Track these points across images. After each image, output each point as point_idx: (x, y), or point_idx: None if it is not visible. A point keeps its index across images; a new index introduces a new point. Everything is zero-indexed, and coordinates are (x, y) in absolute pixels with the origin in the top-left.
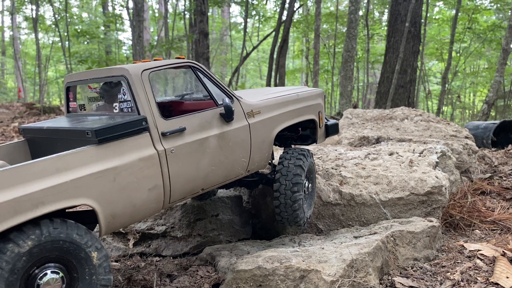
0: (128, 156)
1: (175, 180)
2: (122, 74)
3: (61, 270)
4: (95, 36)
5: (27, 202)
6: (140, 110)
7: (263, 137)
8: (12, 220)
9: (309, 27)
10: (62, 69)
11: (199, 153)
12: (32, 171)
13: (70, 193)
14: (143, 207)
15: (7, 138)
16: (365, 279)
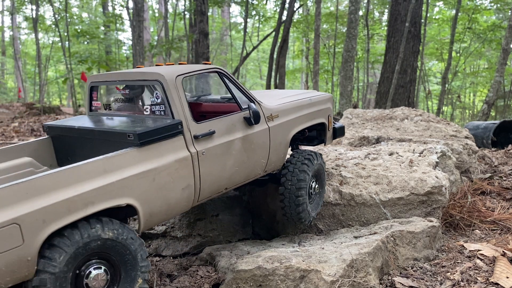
0: (165, 158)
1: (205, 180)
2: (157, 78)
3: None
4: (95, 36)
5: (79, 202)
6: (174, 114)
7: (280, 140)
8: (66, 219)
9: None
10: (62, 69)
11: (226, 155)
12: (82, 172)
13: (116, 193)
14: (176, 205)
15: (7, 138)
16: (365, 279)
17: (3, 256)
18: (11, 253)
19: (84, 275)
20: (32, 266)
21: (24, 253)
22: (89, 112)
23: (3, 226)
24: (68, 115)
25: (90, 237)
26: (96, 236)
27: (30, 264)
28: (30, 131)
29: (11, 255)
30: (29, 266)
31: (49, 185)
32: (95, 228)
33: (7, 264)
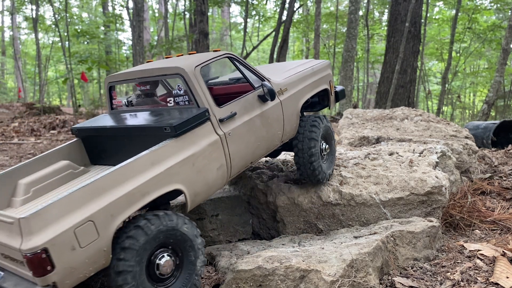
0: (199, 144)
1: (234, 157)
2: (177, 72)
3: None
4: (95, 36)
5: (137, 193)
6: (199, 102)
7: (291, 110)
8: (129, 211)
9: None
10: (62, 69)
11: (248, 132)
12: (134, 167)
13: (165, 181)
14: (214, 184)
15: (7, 138)
16: (365, 279)
17: (84, 250)
18: (90, 246)
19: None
20: (108, 255)
21: (101, 245)
22: (111, 110)
23: (81, 225)
24: (68, 115)
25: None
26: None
27: (106, 254)
28: (30, 131)
29: (91, 248)
30: (106, 255)
31: (110, 183)
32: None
33: (89, 256)
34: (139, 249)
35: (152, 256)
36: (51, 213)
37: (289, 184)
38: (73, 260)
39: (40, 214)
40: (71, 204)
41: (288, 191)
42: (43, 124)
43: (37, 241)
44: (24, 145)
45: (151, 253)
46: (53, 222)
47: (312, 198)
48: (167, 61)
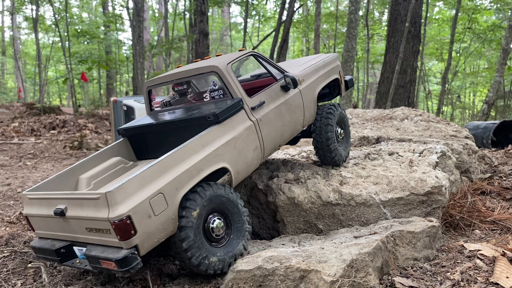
0: (237, 129)
1: (266, 140)
2: (212, 70)
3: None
4: (95, 36)
5: (194, 170)
6: (233, 94)
7: (310, 98)
8: (189, 184)
9: (309, 27)
10: (62, 69)
11: (276, 118)
12: (189, 149)
13: (214, 160)
14: (251, 164)
15: (7, 138)
16: (365, 279)
17: (158, 217)
18: (162, 214)
19: (210, 226)
20: (175, 223)
21: (169, 214)
22: (150, 111)
23: (154, 196)
24: (68, 115)
25: (210, 197)
26: (213, 195)
27: (174, 222)
28: (30, 131)
29: (162, 216)
30: (173, 223)
31: (172, 162)
32: (212, 190)
33: (161, 223)
34: (197, 209)
35: (206, 222)
36: (130, 188)
37: (289, 184)
38: (150, 226)
39: (122, 188)
40: (144, 180)
41: (288, 191)
42: (43, 124)
43: (122, 210)
44: (24, 145)
45: (205, 217)
46: (132, 194)
47: (312, 198)
48: (200, 62)
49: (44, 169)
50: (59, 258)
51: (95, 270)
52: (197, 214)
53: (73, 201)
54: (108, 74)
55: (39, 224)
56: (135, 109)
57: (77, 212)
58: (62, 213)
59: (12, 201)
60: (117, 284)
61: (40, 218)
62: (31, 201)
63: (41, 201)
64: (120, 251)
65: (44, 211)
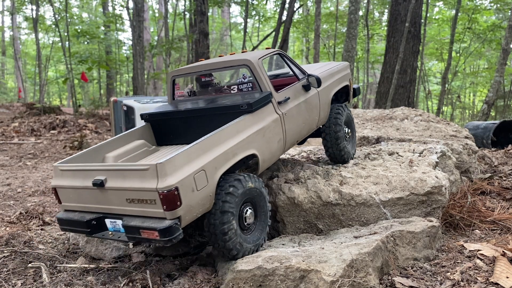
0: (266, 120)
1: (288, 133)
2: (244, 63)
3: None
4: (95, 36)
5: (230, 153)
6: (262, 87)
7: (325, 100)
8: (226, 165)
9: (309, 27)
10: (62, 69)
11: (297, 114)
12: (226, 133)
13: (246, 146)
14: (274, 154)
15: (7, 138)
16: (365, 279)
17: (199, 192)
18: (203, 190)
19: (243, 215)
20: (212, 201)
21: (209, 191)
22: (172, 100)
23: (198, 172)
24: (68, 115)
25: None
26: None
27: (211, 199)
28: (30, 131)
29: (202, 192)
30: (210, 200)
31: (212, 143)
32: (250, 181)
33: (201, 198)
34: (238, 195)
35: (240, 211)
36: (178, 162)
37: (289, 184)
38: (192, 200)
39: (171, 161)
40: (190, 156)
41: (288, 191)
42: (43, 124)
43: (171, 181)
44: (24, 145)
45: (241, 206)
46: (179, 168)
47: (312, 198)
48: (233, 56)
49: (44, 169)
50: (89, 230)
51: (131, 241)
52: (238, 201)
53: (115, 172)
54: (108, 74)
55: (69, 196)
56: (135, 109)
57: (118, 183)
58: (102, 184)
59: (12, 201)
60: (117, 283)
61: (72, 189)
62: (63, 173)
63: (76, 172)
64: (164, 221)
65: (79, 183)
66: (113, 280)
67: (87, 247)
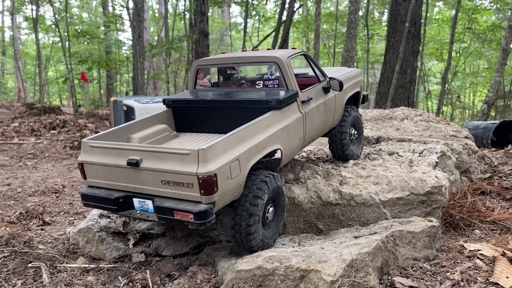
0: (291, 117)
1: (307, 133)
2: (274, 60)
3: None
4: (95, 36)
5: (260, 146)
6: (289, 86)
7: (340, 104)
8: (256, 157)
9: (309, 27)
10: (62, 69)
11: (316, 115)
12: (258, 127)
13: (274, 141)
14: (294, 151)
15: (7, 138)
16: (365, 279)
17: (233, 181)
18: (235, 179)
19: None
20: (241, 190)
21: (240, 180)
22: (193, 89)
23: (233, 161)
24: (68, 115)
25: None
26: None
27: (241, 188)
28: (30, 131)
29: (235, 181)
30: (240, 189)
31: (246, 135)
32: (275, 180)
33: (233, 186)
34: (266, 191)
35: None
36: (217, 149)
37: (289, 184)
38: (226, 187)
39: (212, 148)
40: (227, 145)
41: (288, 191)
42: (43, 124)
43: (211, 167)
44: (24, 145)
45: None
46: (218, 156)
47: (312, 198)
48: (262, 52)
49: (44, 169)
50: (115, 207)
51: (161, 221)
52: (266, 198)
53: (152, 153)
54: (108, 74)
55: (96, 172)
56: (135, 109)
57: (155, 164)
58: (137, 164)
59: (12, 201)
60: (117, 283)
61: (101, 166)
62: (93, 149)
63: (108, 150)
64: (199, 205)
65: (111, 161)
66: (113, 280)
67: (87, 247)
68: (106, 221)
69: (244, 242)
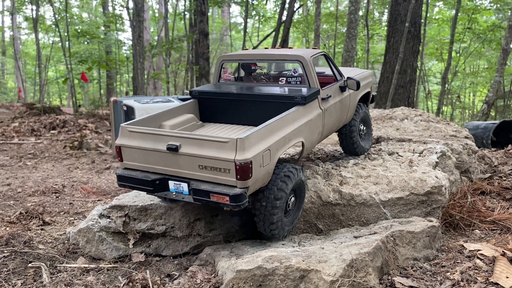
0: (313, 113)
1: (325, 128)
2: (298, 59)
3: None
4: (95, 36)
5: (287, 138)
6: (311, 83)
7: (353, 102)
8: (283, 149)
9: (309, 27)
10: (62, 69)
11: (333, 112)
12: (285, 120)
13: (298, 134)
14: (313, 144)
15: (7, 138)
16: (365, 279)
17: (264, 168)
18: (266, 167)
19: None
20: (269, 177)
21: (269, 168)
22: (217, 82)
23: (265, 151)
24: (68, 115)
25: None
26: (299, 178)
27: (269, 176)
28: (30, 131)
29: (265, 169)
30: (268, 177)
31: (275, 127)
32: (298, 173)
33: (263, 174)
34: (292, 181)
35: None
36: (253, 139)
37: None
38: (259, 174)
39: (249, 137)
40: (260, 136)
41: None
42: (43, 124)
43: (248, 155)
44: (24, 145)
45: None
46: (253, 145)
47: (312, 198)
48: (287, 50)
49: (44, 169)
50: (152, 188)
51: (197, 202)
52: (291, 187)
53: (192, 140)
54: (108, 74)
55: (133, 155)
56: (135, 109)
57: (193, 150)
58: (176, 149)
59: (12, 201)
60: (117, 283)
61: (139, 150)
62: (131, 134)
63: (148, 135)
64: (235, 189)
65: (150, 145)
66: (113, 280)
67: (87, 247)
68: (106, 221)
69: (267, 230)
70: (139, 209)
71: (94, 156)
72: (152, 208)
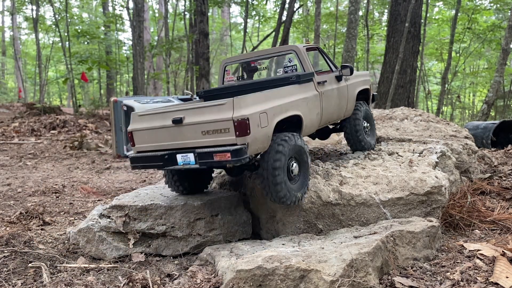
0: (309, 93)
1: (324, 111)
2: (292, 49)
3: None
4: (95, 36)
5: (283, 107)
6: (305, 69)
7: (352, 94)
8: (280, 116)
9: (309, 27)
10: (62, 69)
11: (331, 97)
12: (282, 92)
13: (295, 107)
14: (313, 124)
15: (7, 138)
16: (365, 279)
17: (262, 129)
18: (265, 129)
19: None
20: (269, 142)
21: (268, 131)
22: (222, 84)
23: (261, 113)
24: (68, 115)
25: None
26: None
27: (268, 140)
28: (30, 131)
29: (265, 130)
30: (267, 141)
31: (271, 96)
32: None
33: (262, 135)
34: (289, 144)
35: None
36: (248, 100)
37: None
38: (257, 133)
39: (244, 98)
40: (256, 99)
41: None
42: (44, 124)
43: (244, 112)
44: (24, 145)
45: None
46: (249, 105)
47: (312, 198)
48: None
49: (45, 169)
50: (161, 163)
51: (202, 166)
52: (288, 150)
53: (193, 110)
54: (108, 74)
55: (144, 137)
56: (135, 109)
57: (196, 118)
58: (180, 121)
59: (12, 201)
60: (117, 283)
61: (149, 130)
62: (141, 118)
63: (155, 115)
64: (235, 146)
65: (158, 123)
66: (113, 280)
67: (87, 247)
68: (106, 221)
69: (274, 194)
70: (139, 209)
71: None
72: (152, 208)
